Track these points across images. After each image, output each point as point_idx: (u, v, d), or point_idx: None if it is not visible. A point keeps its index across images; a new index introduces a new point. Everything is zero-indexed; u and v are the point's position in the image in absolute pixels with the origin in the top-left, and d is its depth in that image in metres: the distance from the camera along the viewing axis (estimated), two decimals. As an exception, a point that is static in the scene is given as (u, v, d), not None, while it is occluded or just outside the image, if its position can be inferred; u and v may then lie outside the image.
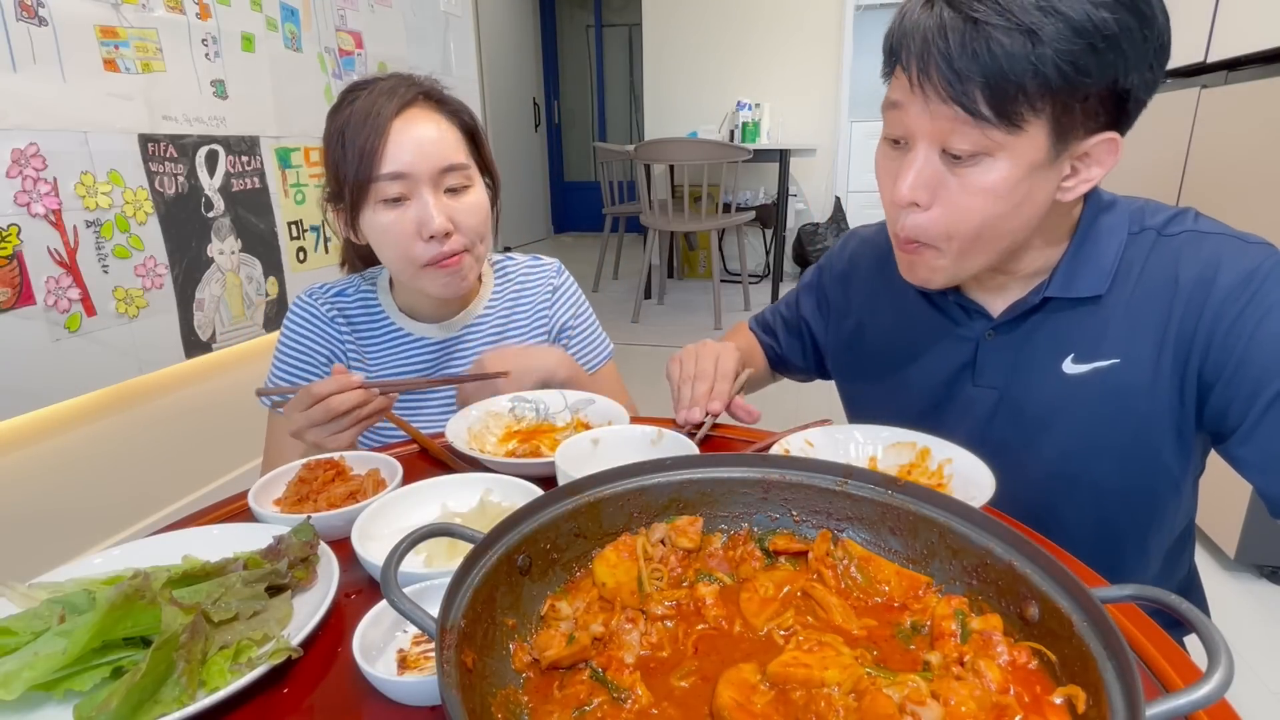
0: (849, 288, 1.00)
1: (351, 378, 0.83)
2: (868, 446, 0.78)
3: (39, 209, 1.56)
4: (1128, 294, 0.75)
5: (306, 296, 1.06)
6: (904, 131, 0.71)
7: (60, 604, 0.51)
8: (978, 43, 0.62)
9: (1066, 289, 0.76)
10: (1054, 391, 0.78)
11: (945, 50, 0.63)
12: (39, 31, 1.54)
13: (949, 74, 0.63)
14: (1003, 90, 0.62)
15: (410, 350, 1.06)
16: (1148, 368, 0.74)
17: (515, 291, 1.13)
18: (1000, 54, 0.61)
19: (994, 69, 0.62)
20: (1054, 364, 0.78)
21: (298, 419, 0.83)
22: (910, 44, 0.66)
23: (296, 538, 0.59)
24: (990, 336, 0.82)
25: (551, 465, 0.71)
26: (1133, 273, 0.75)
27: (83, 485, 1.78)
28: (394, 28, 2.75)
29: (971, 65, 0.62)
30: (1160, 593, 0.41)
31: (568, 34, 7.42)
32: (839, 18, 4.99)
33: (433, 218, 0.91)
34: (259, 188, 2.16)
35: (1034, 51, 0.61)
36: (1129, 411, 0.75)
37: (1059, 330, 0.78)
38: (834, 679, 0.41)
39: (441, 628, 0.39)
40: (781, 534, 0.57)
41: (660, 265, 4.84)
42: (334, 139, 0.93)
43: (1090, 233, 0.77)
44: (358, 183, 0.91)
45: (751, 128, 4.78)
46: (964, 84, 0.63)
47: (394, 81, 0.94)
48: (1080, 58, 0.61)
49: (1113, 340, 0.76)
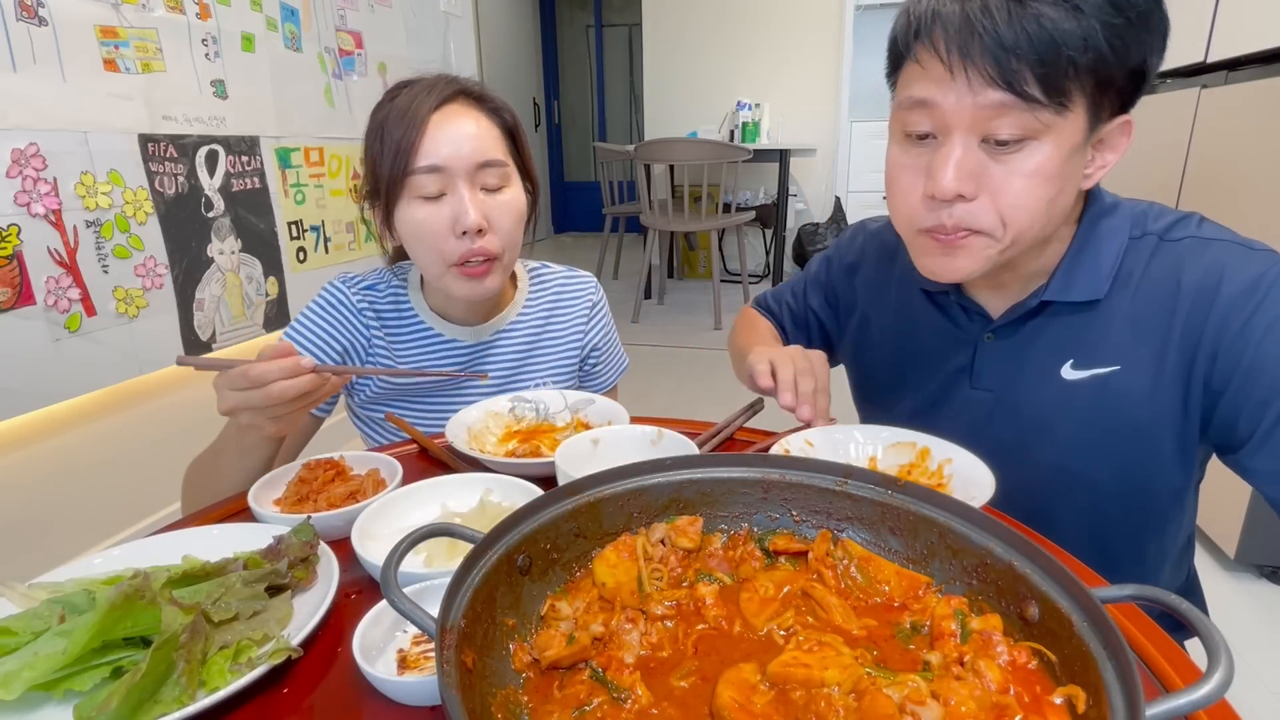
0: (855, 279, 0.99)
1: (299, 362, 0.71)
2: (868, 446, 0.78)
3: (39, 209, 1.56)
4: (1128, 300, 0.74)
5: (340, 283, 1.04)
6: (935, 125, 0.68)
7: (60, 604, 0.51)
8: (1025, 19, 0.60)
9: (1064, 293, 0.75)
10: (1052, 397, 0.77)
11: (992, 28, 0.60)
12: (39, 31, 1.54)
13: (998, 54, 0.61)
14: (1055, 68, 0.60)
15: (441, 351, 1.05)
16: (1148, 375, 0.73)
17: (551, 302, 1.12)
18: (1051, 29, 0.59)
19: (1047, 45, 0.60)
20: (1053, 369, 0.77)
21: (231, 398, 0.72)
22: (945, 27, 0.63)
23: (296, 538, 0.59)
24: (989, 339, 0.81)
25: (551, 465, 0.71)
26: (1133, 278, 0.74)
27: (83, 485, 1.78)
28: (394, 28, 2.75)
29: (1023, 42, 0.60)
30: (1160, 593, 0.41)
31: (568, 34, 7.42)
32: (839, 18, 4.99)
33: (468, 211, 0.90)
34: (259, 188, 2.16)
35: (1081, 25, 0.59)
36: (1128, 419, 0.74)
37: (1058, 335, 0.77)
38: (834, 679, 0.41)
39: (441, 628, 0.39)
40: (781, 534, 0.57)
41: (660, 265, 4.84)
42: (374, 134, 0.93)
43: (1090, 236, 0.75)
44: (393, 176, 0.90)
45: (751, 128, 4.78)
46: (1016, 64, 0.60)
47: (435, 79, 0.95)
48: (1121, 33, 0.60)
49: (1112, 347, 0.74)
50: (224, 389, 0.73)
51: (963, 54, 0.62)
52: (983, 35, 0.61)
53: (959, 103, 0.64)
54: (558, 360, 1.11)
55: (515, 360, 1.08)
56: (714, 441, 0.83)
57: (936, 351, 0.87)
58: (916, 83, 0.68)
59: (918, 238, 0.74)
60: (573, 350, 1.12)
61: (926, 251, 0.75)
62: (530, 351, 1.09)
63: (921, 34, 0.65)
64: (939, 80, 0.65)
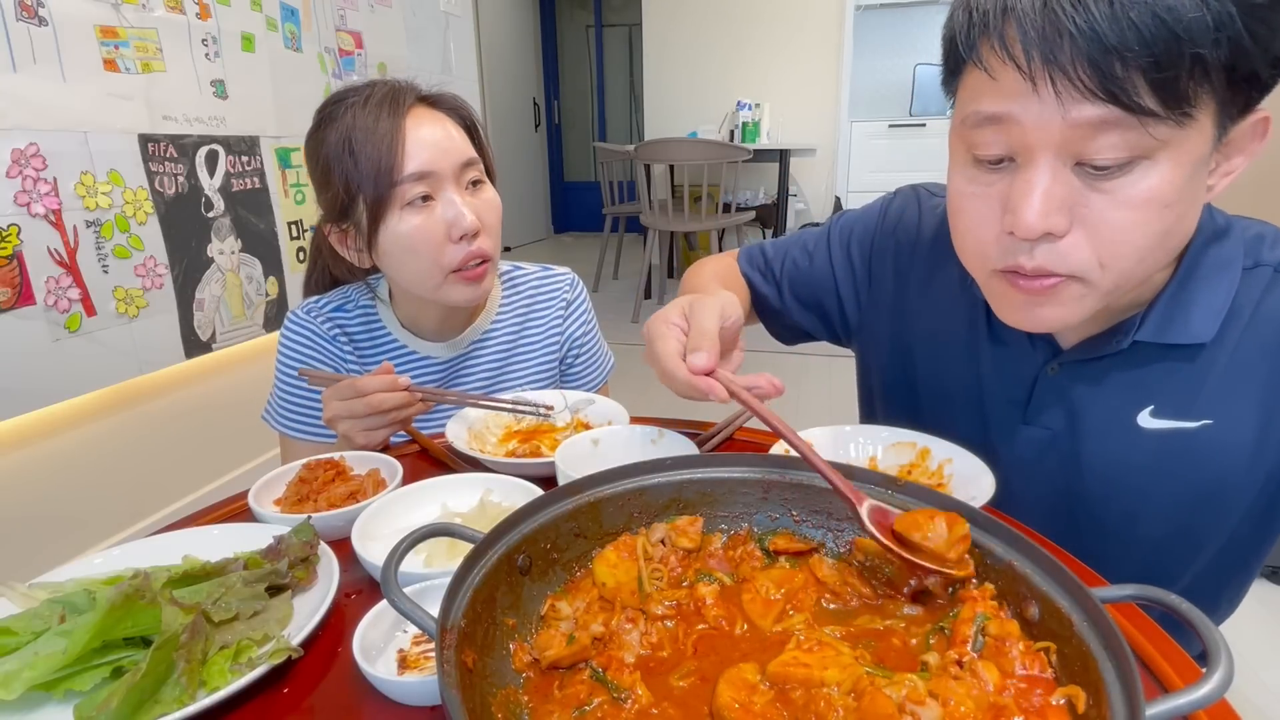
0: (897, 263, 0.84)
1: (398, 379, 0.82)
2: (868, 446, 0.78)
3: (39, 209, 1.56)
4: (1233, 344, 0.62)
5: (302, 314, 1.01)
6: (1013, 146, 0.54)
7: (60, 604, 0.51)
8: (1135, 9, 0.46)
9: (1162, 333, 0.62)
10: (1123, 446, 0.66)
11: (1087, 23, 0.46)
12: (39, 31, 1.54)
13: (1098, 58, 0.47)
14: (1176, 70, 0.46)
15: (415, 370, 1.03)
16: (1249, 435, 0.62)
17: (525, 306, 1.10)
18: (1170, 20, 0.45)
19: (1166, 42, 0.46)
20: (1128, 415, 0.66)
21: (336, 407, 0.83)
22: (1021, 23, 0.49)
23: (296, 538, 0.59)
24: (1054, 371, 0.69)
25: (551, 465, 0.71)
26: (1242, 317, 0.62)
27: (83, 485, 1.78)
28: (394, 28, 2.75)
29: (1132, 40, 0.46)
30: (1160, 593, 0.41)
31: (568, 34, 7.42)
32: (839, 18, 4.98)
33: (464, 215, 0.89)
34: (259, 188, 2.16)
35: (1211, 9, 0.45)
36: (1216, 480, 0.64)
37: (1140, 376, 0.65)
38: (834, 679, 0.41)
39: (441, 628, 0.39)
40: (781, 534, 0.57)
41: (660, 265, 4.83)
42: (339, 152, 0.88)
43: (1199, 266, 0.62)
44: (378, 189, 0.87)
45: (751, 128, 4.79)
46: (1124, 68, 0.47)
47: (385, 89, 0.91)
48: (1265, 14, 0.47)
49: (1209, 398, 0.63)
50: (331, 399, 0.83)
51: (1047, 58, 0.49)
52: (1075, 34, 0.47)
53: (1044, 119, 0.50)
54: (535, 364, 1.09)
55: (492, 370, 1.07)
56: (714, 441, 0.83)
57: (988, 376, 0.74)
58: (986, 95, 0.54)
59: (993, 280, 0.61)
60: (550, 352, 1.10)
61: (1006, 299, 0.60)
62: (506, 361, 1.07)
63: (990, 31, 0.51)
64: (1015, 92, 0.51)
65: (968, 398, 0.74)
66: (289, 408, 1.01)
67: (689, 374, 0.61)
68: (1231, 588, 0.77)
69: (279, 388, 1.02)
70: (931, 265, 0.80)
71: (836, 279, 0.88)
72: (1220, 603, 0.78)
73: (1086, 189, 0.52)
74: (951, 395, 0.75)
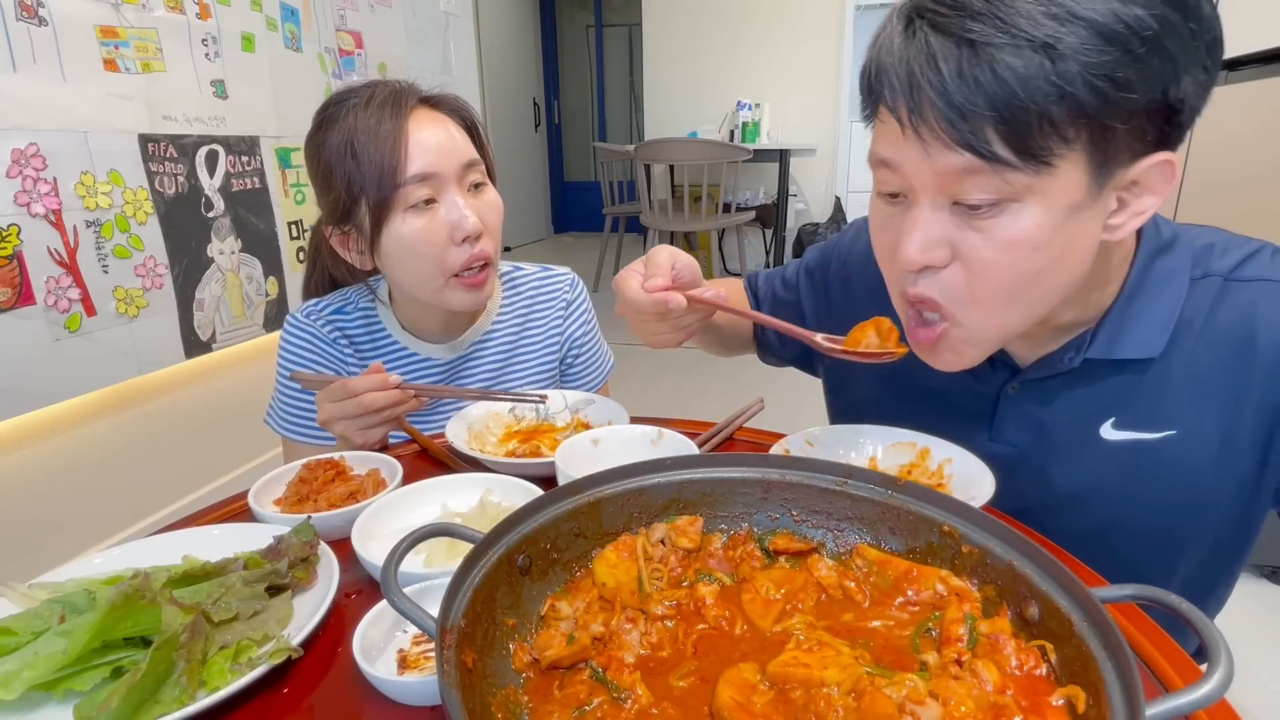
0: (856, 290, 0.87)
1: (389, 378, 0.83)
2: (868, 446, 0.78)
3: (39, 209, 1.56)
4: (1188, 354, 0.64)
5: (302, 318, 1.01)
6: (902, 185, 0.59)
7: (60, 604, 0.51)
8: (979, 69, 0.50)
9: (1110, 349, 0.64)
10: (1089, 458, 0.68)
11: (939, 84, 0.51)
12: (39, 31, 1.54)
13: (949, 113, 0.51)
14: (1022, 124, 0.50)
15: (417, 372, 1.03)
16: (1213, 445, 0.63)
17: (525, 307, 1.10)
18: (1012, 79, 0.49)
19: (1007, 99, 0.50)
20: (1091, 427, 0.67)
21: (329, 409, 0.83)
22: (893, 80, 0.54)
23: (296, 538, 0.59)
24: (1014, 390, 0.71)
25: (551, 465, 0.71)
26: (1194, 328, 0.63)
27: (83, 485, 1.78)
28: (394, 28, 2.75)
29: (976, 98, 0.50)
30: (1160, 593, 0.41)
31: (568, 34, 7.42)
32: (839, 17, 4.99)
33: (466, 217, 0.89)
34: (259, 188, 2.16)
35: (1055, 70, 0.49)
36: (1185, 489, 0.65)
37: (1099, 391, 0.67)
38: (833, 679, 0.41)
39: (441, 628, 0.40)
40: (781, 534, 0.57)
41: (660, 265, 4.83)
42: (341, 155, 0.87)
43: (1144, 282, 0.64)
44: (381, 191, 0.86)
45: (751, 128, 4.79)
46: (970, 122, 0.51)
47: (386, 90, 0.91)
48: (1117, 69, 0.49)
49: (1169, 410, 0.64)
50: (324, 401, 0.84)
51: (912, 111, 0.53)
52: (930, 92, 0.51)
53: (918, 165, 0.55)
54: (536, 364, 1.09)
55: (493, 370, 1.07)
56: (714, 441, 0.83)
57: (949, 396, 0.76)
58: (880, 139, 0.59)
59: (903, 307, 0.64)
60: (550, 352, 1.10)
61: (910, 334, 0.64)
62: (507, 362, 1.07)
63: (880, 83, 0.56)
64: (897, 139, 0.56)
65: (934, 419, 0.76)
66: (291, 411, 1.01)
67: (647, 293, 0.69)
68: (1218, 590, 0.78)
69: (280, 392, 1.02)
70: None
71: (803, 307, 0.94)
72: (1208, 604, 0.79)
73: (965, 226, 0.56)
74: (918, 417, 0.77)
